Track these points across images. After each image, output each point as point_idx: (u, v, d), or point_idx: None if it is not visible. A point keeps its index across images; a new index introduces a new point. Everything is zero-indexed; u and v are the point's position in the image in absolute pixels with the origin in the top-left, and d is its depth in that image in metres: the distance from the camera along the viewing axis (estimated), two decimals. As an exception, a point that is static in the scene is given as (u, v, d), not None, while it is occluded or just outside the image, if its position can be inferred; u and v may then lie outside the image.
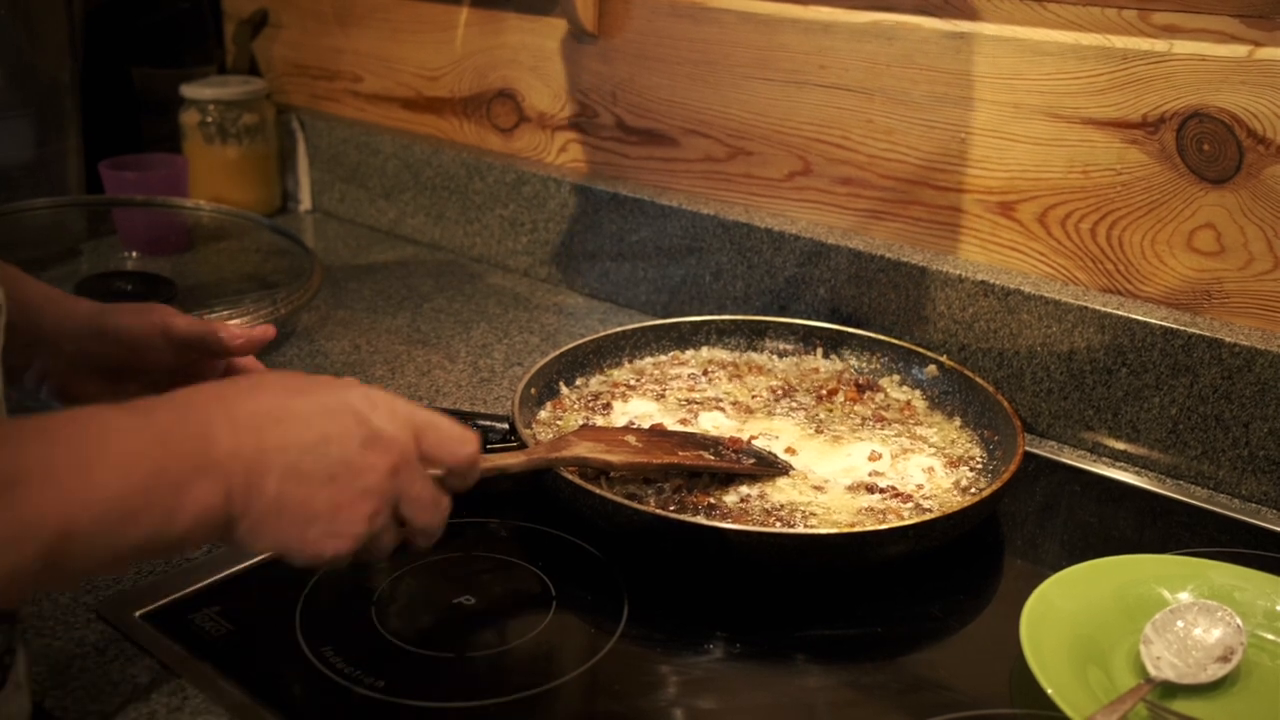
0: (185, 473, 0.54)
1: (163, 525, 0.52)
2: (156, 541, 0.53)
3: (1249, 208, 0.93)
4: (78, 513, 0.49)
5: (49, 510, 0.48)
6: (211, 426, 0.56)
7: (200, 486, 0.54)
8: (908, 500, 0.84)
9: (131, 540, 0.51)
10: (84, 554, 0.50)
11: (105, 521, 0.50)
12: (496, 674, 0.71)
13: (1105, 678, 0.69)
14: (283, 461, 0.57)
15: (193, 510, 0.53)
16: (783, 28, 1.15)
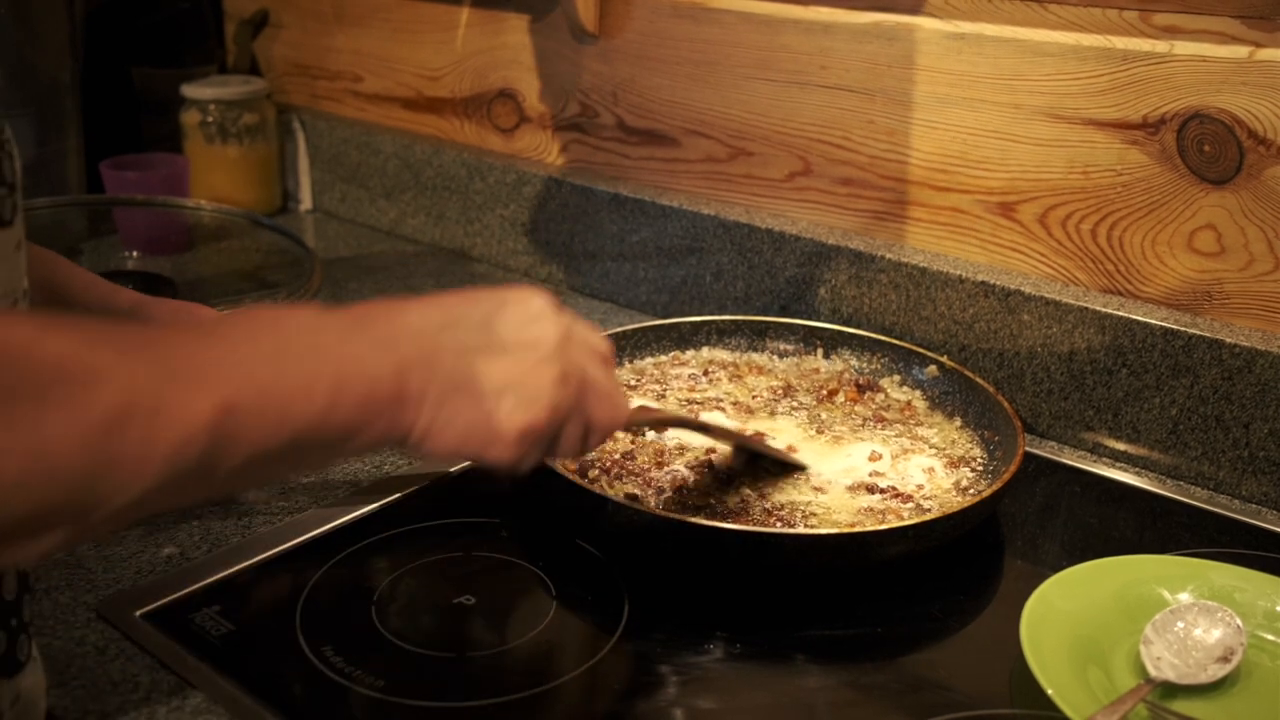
0: (359, 359, 0.52)
1: (327, 406, 0.50)
2: (322, 431, 0.50)
3: (1249, 209, 0.93)
4: (241, 384, 0.46)
5: (214, 380, 0.45)
6: (382, 332, 0.54)
7: (367, 360, 0.52)
8: (908, 500, 0.84)
9: (293, 425, 0.48)
10: (249, 435, 0.46)
11: (269, 397, 0.47)
12: (496, 674, 0.71)
13: (1105, 678, 0.69)
14: (455, 340, 0.57)
15: (360, 389, 0.51)
16: (784, 28, 1.15)
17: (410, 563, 0.81)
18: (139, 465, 0.43)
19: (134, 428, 0.42)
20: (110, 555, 0.80)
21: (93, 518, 0.43)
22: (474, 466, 0.91)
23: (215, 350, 0.47)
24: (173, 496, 0.46)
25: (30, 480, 0.40)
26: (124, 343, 0.44)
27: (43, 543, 0.42)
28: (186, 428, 0.44)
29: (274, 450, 0.48)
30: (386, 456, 0.95)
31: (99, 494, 0.42)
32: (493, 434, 0.58)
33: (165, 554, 0.81)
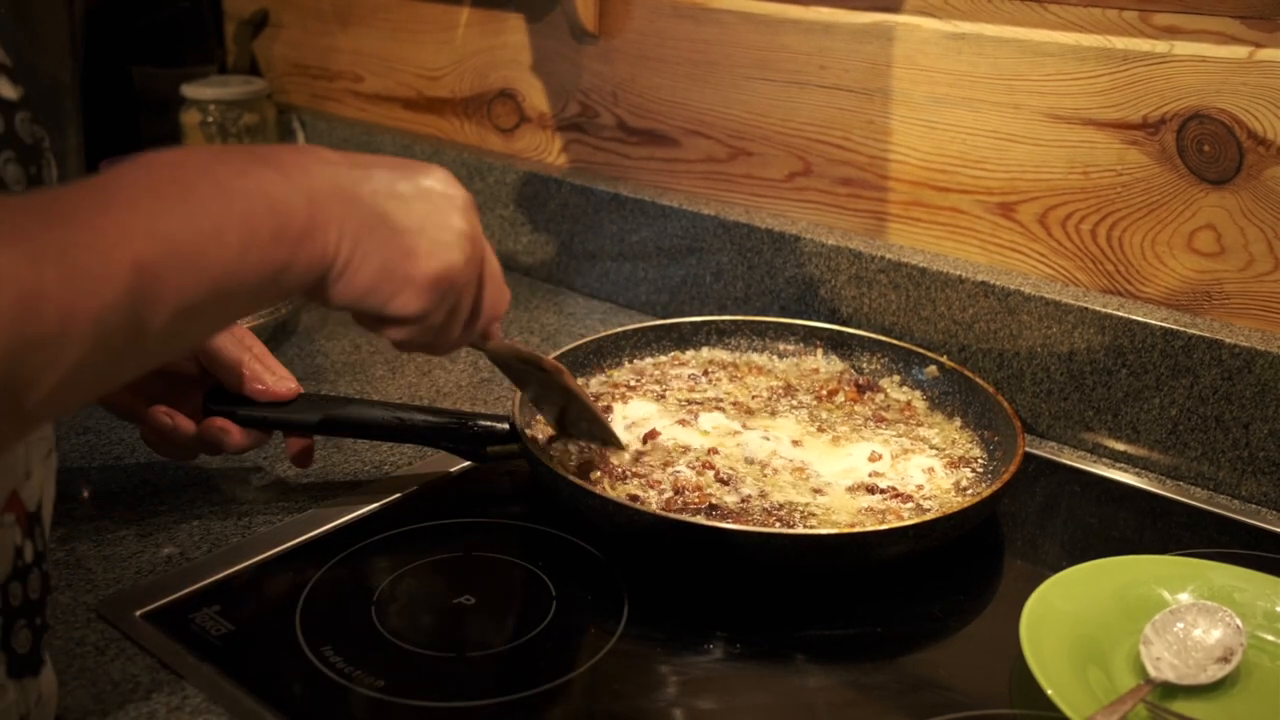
0: (267, 194, 0.51)
1: (241, 246, 0.48)
2: (241, 274, 0.49)
3: (1249, 209, 0.93)
4: (150, 240, 0.45)
5: (123, 241, 0.44)
6: (290, 165, 0.53)
7: (277, 191, 0.51)
8: (908, 501, 0.84)
9: (211, 273, 0.47)
10: (169, 290, 0.45)
11: (181, 249, 0.46)
12: (496, 674, 0.71)
13: (1105, 678, 0.69)
14: (367, 179, 0.56)
15: (272, 224, 0.50)
16: (783, 28, 1.15)
17: (410, 563, 0.81)
18: (60, 342, 0.41)
19: (47, 308, 0.41)
20: (110, 555, 0.80)
21: (26, 403, 0.41)
22: (473, 467, 0.92)
23: (116, 210, 0.45)
24: (108, 368, 0.45)
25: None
26: (21, 221, 0.42)
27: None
28: (102, 296, 0.42)
29: (198, 302, 0.47)
30: (386, 457, 0.95)
31: (26, 378, 0.41)
32: (407, 276, 0.58)
33: (165, 554, 0.81)
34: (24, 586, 0.55)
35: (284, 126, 1.58)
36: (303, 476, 0.92)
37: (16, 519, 0.54)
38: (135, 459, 0.93)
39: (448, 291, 0.61)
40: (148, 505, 0.87)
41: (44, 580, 0.57)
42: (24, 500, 0.54)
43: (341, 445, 0.97)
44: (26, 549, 0.55)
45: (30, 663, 0.56)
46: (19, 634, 0.55)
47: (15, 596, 0.54)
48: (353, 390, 1.09)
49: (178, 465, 0.91)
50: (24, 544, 0.54)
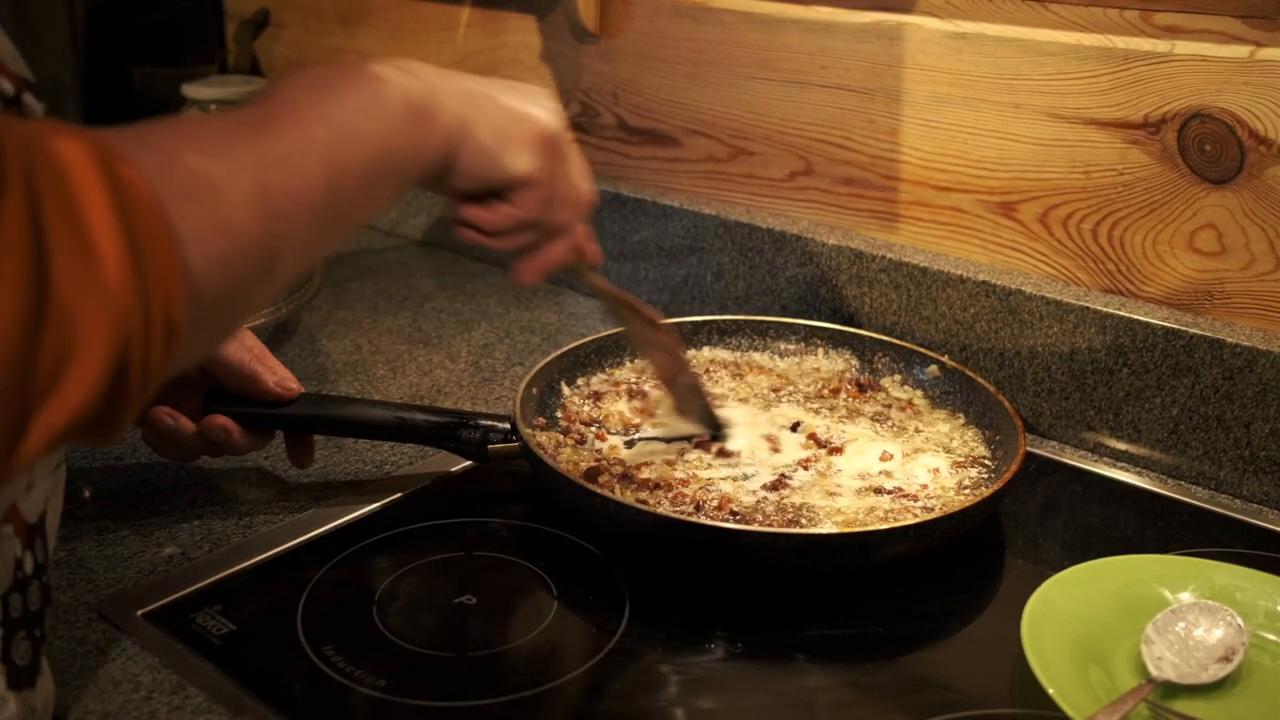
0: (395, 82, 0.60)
1: (387, 122, 0.59)
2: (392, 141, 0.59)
3: (1250, 208, 0.93)
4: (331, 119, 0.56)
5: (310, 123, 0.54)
6: (400, 64, 0.62)
7: (409, 86, 0.61)
8: (914, 500, 0.84)
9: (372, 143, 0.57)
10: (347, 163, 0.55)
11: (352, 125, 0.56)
12: (497, 673, 0.71)
13: (1106, 678, 0.69)
14: (465, 76, 0.66)
15: (398, 95, 0.60)
16: (784, 28, 1.15)
17: (411, 562, 0.81)
18: (293, 215, 0.52)
19: (276, 184, 0.51)
20: (111, 555, 0.80)
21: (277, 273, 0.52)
22: (474, 467, 0.92)
23: (290, 111, 0.55)
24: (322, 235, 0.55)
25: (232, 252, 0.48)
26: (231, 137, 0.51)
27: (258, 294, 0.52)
28: (309, 170, 0.53)
29: (372, 172, 0.58)
30: (387, 456, 0.95)
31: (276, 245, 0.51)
32: (518, 134, 0.66)
33: (166, 554, 0.81)
34: (24, 598, 0.55)
35: (285, 126, 1.58)
36: (303, 476, 0.92)
37: (16, 531, 0.54)
38: (136, 459, 0.93)
39: (553, 150, 0.69)
40: (149, 505, 0.87)
41: (44, 592, 0.57)
42: (24, 512, 0.54)
43: (342, 445, 0.97)
44: (26, 561, 0.55)
45: (29, 674, 0.56)
46: (19, 645, 0.55)
47: (15, 608, 0.54)
48: (353, 390, 1.09)
49: (178, 466, 0.91)
50: (24, 556, 0.54)
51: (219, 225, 0.47)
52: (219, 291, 0.47)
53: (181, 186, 0.46)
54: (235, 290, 0.49)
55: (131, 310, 0.42)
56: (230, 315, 0.52)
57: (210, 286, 0.46)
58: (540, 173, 0.68)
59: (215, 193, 0.47)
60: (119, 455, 0.94)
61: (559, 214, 0.72)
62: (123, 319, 0.41)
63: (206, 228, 0.46)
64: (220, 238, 0.47)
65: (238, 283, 0.49)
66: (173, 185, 0.45)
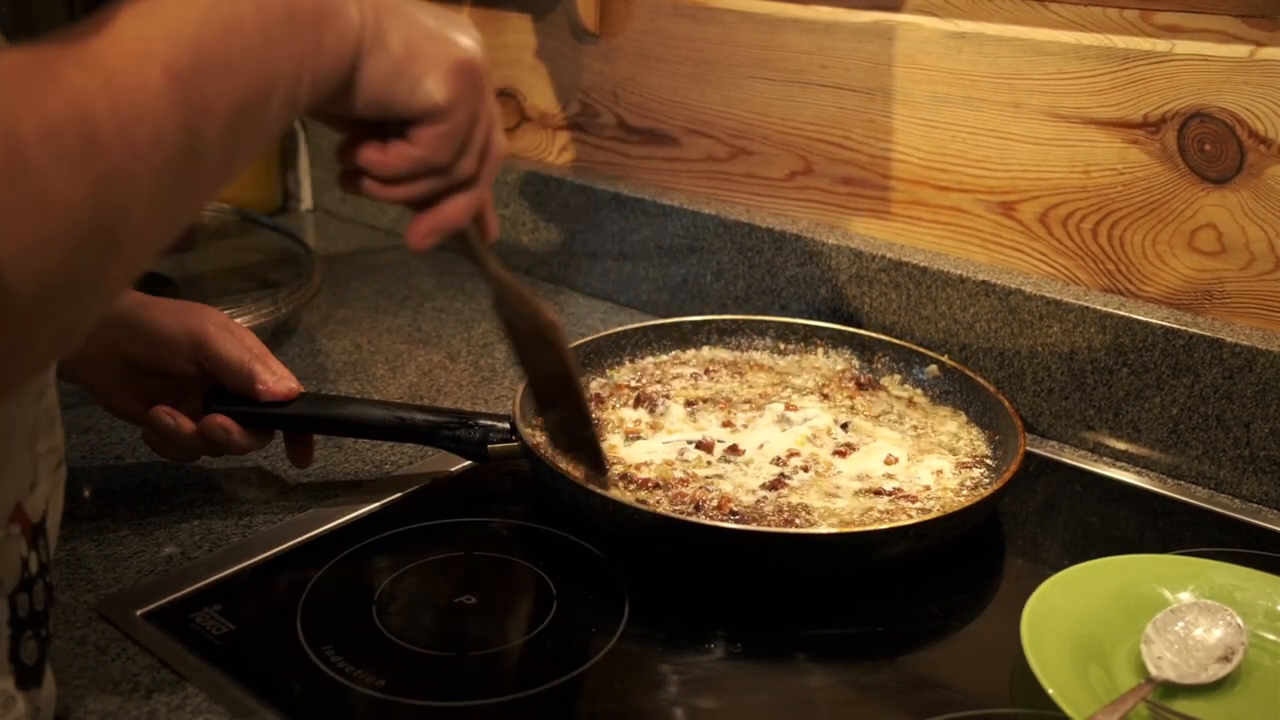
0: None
1: (263, 34, 0.48)
2: (272, 64, 0.49)
3: (1250, 208, 0.93)
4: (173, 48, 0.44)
5: (149, 56, 0.44)
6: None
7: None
8: (913, 501, 0.84)
9: (245, 68, 0.47)
10: (211, 94, 0.45)
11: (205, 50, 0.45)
12: (497, 673, 0.71)
13: (1106, 677, 0.69)
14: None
15: (290, 4, 0.49)
16: (784, 27, 1.15)
17: (411, 562, 0.81)
18: (134, 171, 0.42)
19: (108, 138, 0.40)
20: (111, 555, 0.80)
21: (123, 241, 0.42)
22: (474, 467, 0.92)
23: (132, 27, 0.44)
24: (182, 192, 0.45)
25: (51, 231, 0.39)
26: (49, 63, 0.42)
27: (105, 280, 0.42)
28: (152, 114, 0.42)
29: (244, 102, 0.47)
30: (387, 456, 0.95)
31: (114, 214, 0.41)
32: (434, 55, 0.56)
33: (166, 553, 0.81)
34: (30, 598, 0.55)
35: (284, 126, 1.58)
36: (303, 476, 0.92)
37: (21, 530, 0.54)
38: (136, 459, 0.93)
39: (472, 83, 0.58)
40: (148, 505, 0.87)
41: (48, 592, 0.57)
42: (28, 512, 0.54)
43: (342, 445, 0.97)
44: (31, 560, 0.55)
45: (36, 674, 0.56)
46: (26, 645, 0.55)
47: (22, 608, 0.54)
48: (353, 390, 1.09)
49: (178, 465, 0.91)
50: (29, 555, 0.54)
51: (27, 204, 0.38)
52: (47, 283, 0.39)
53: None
54: (72, 277, 0.40)
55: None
56: (72, 305, 0.42)
57: (33, 280, 0.38)
58: (452, 105, 0.57)
59: (19, 159, 0.38)
60: (119, 455, 0.94)
61: (466, 162, 0.61)
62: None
63: (11, 208, 0.37)
64: (30, 217, 0.38)
65: (71, 267, 0.40)
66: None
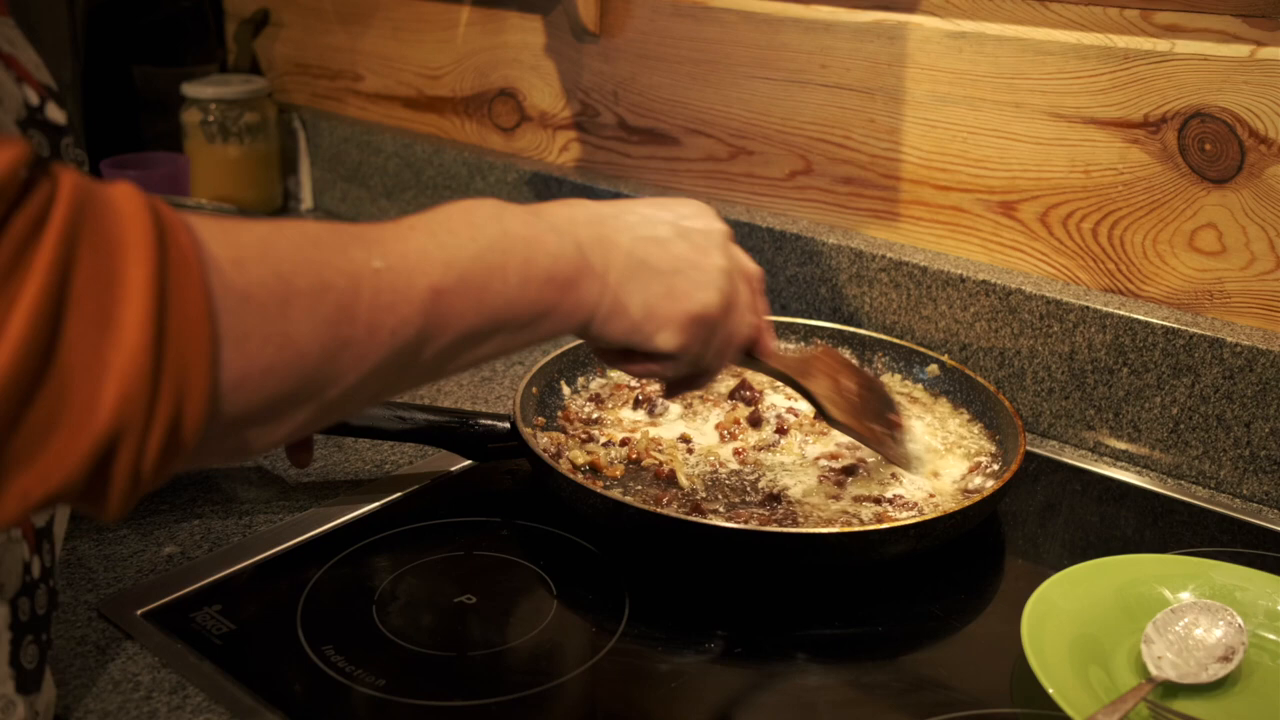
0: (544, 242, 0.56)
1: (520, 285, 0.54)
2: (516, 309, 0.54)
3: (1251, 208, 0.93)
4: (445, 269, 0.50)
5: (422, 267, 0.49)
6: (561, 219, 0.59)
7: (549, 240, 0.56)
8: (913, 508, 0.84)
9: (492, 305, 0.52)
10: (455, 315, 0.50)
11: (469, 280, 0.51)
12: (497, 673, 0.71)
13: (1106, 677, 0.69)
14: (628, 226, 0.62)
15: (547, 266, 0.55)
16: (784, 27, 1.15)
17: (411, 562, 0.81)
18: (365, 348, 0.47)
19: (360, 317, 0.46)
20: (111, 554, 0.80)
21: (327, 395, 0.46)
22: (474, 467, 0.92)
23: (418, 239, 0.51)
24: (388, 379, 0.49)
25: (278, 366, 0.43)
26: (343, 243, 0.48)
27: (286, 424, 0.46)
28: (402, 313, 0.48)
29: (476, 331, 0.52)
30: (387, 456, 0.95)
31: (332, 375, 0.46)
32: (667, 316, 0.62)
33: (166, 553, 0.81)
34: (31, 602, 0.55)
35: (284, 126, 1.58)
36: (303, 476, 0.92)
37: (24, 534, 0.54)
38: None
39: (705, 327, 0.64)
40: (149, 505, 0.87)
41: (51, 596, 0.57)
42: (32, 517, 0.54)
43: (342, 444, 0.97)
44: (34, 565, 0.55)
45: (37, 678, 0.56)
46: (27, 649, 0.55)
47: (24, 612, 0.54)
48: (354, 389, 1.08)
49: (179, 464, 0.91)
50: (31, 560, 0.54)
51: (275, 334, 0.43)
52: (252, 405, 0.43)
53: (248, 283, 0.42)
54: (273, 407, 0.44)
55: (135, 399, 0.38)
56: (260, 433, 0.45)
57: (242, 397, 0.42)
58: (684, 350, 0.64)
59: (285, 300, 0.43)
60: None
61: (710, 363, 0.68)
62: (123, 406, 0.38)
63: (259, 333, 0.42)
64: (273, 347, 0.43)
65: (278, 400, 0.44)
66: (238, 280, 0.42)
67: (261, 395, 0.43)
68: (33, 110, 0.51)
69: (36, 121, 0.51)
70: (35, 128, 0.51)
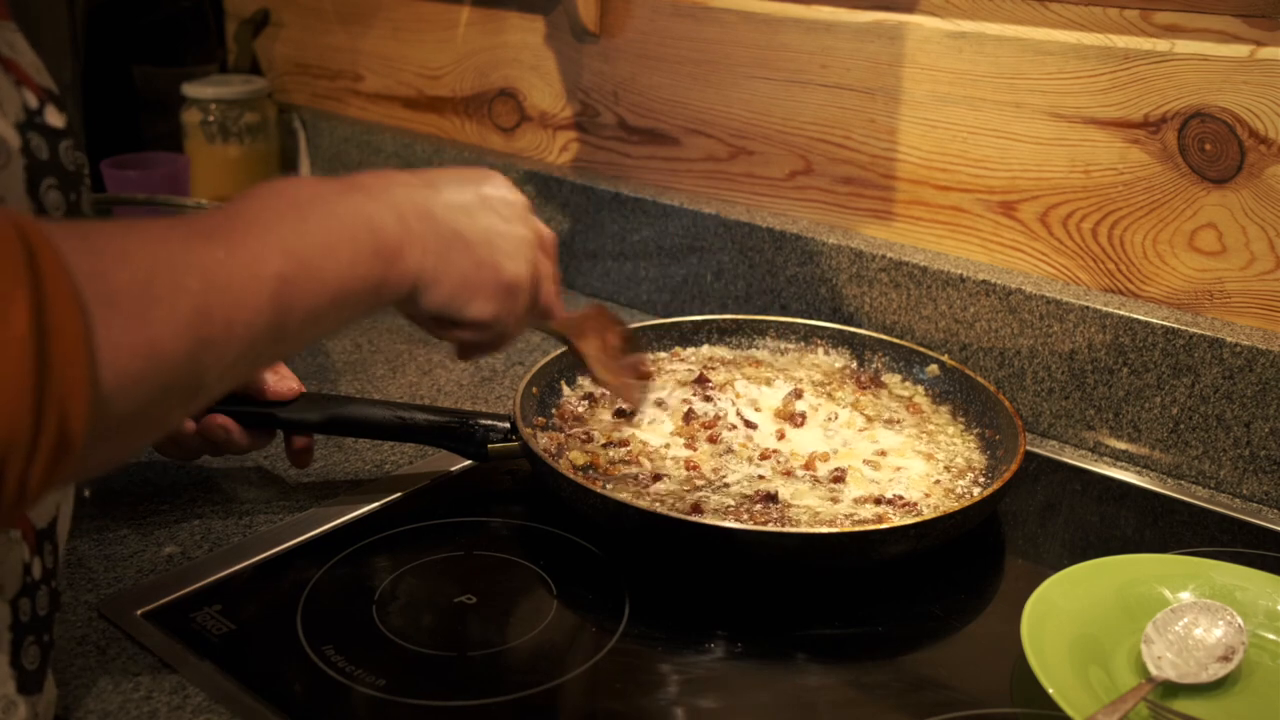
0: (366, 215, 0.58)
1: (351, 262, 0.56)
2: (352, 284, 0.56)
3: (1250, 208, 0.93)
4: (285, 257, 0.52)
5: (264, 257, 0.51)
6: (378, 190, 0.61)
7: (372, 213, 0.58)
8: (912, 507, 0.84)
9: (331, 285, 0.54)
10: (299, 300, 0.52)
11: (308, 264, 0.53)
12: (497, 673, 0.71)
13: (1106, 677, 0.69)
14: (440, 195, 0.64)
15: (372, 241, 0.57)
16: (785, 27, 1.15)
17: (411, 562, 0.81)
18: (225, 346, 0.48)
19: (215, 316, 0.47)
20: (111, 554, 0.80)
21: (200, 390, 0.48)
22: (474, 467, 0.92)
23: (256, 232, 0.52)
24: (243, 367, 0.51)
25: (148, 374, 0.44)
26: (186, 245, 0.48)
27: (160, 425, 0.49)
28: (254, 304, 0.49)
29: (322, 309, 0.54)
30: (387, 456, 0.95)
31: (197, 373, 0.47)
32: (480, 284, 0.65)
33: (166, 553, 0.81)
34: (32, 603, 0.55)
35: (285, 126, 1.58)
36: (303, 476, 0.92)
37: (24, 535, 0.54)
38: (136, 459, 0.93)
39: (514, 296, 0.68)
40: (149, 505, 0.87)
41: (53, 597, 0.57)
42: (31, 517, 0.54)
43: (342, 444, 0.97)
44: (35, 566, 0.55)
45: (38, 679, 0.56)
46: (28, 650, 0.55)
47: (24, 613, 0.54)
48: (354, 390, 1.09)
49: (179, 465, 0.91)
50: (31, 561, 0.54)
51: (142, 344, 0.43)
52: (127, 411, 0.44)
53: (111, 294, 0.42)
54: (147, 410, 0.45)
55: (19, 417, 0.38)
56: (137, 435, 0.47)
57: (119, 406, 0.43)
58: (495, 318, 0.68)
59: (146, 308, 0.44)
60: (119, 455, 0.94)
61: (511, 329, 0.71)
62: (10, 419, 0.38)
63: (127, 344, 0.43)
64: (140, 357, 0.43)
65: (151, 404, 0.45)
66: (102, 291, 0.42)
67: (135, 403, 0.44)
68: (31, 113, 0.51)
69: (35, 125, 0.51)
70: (34, 131, 0.51)
